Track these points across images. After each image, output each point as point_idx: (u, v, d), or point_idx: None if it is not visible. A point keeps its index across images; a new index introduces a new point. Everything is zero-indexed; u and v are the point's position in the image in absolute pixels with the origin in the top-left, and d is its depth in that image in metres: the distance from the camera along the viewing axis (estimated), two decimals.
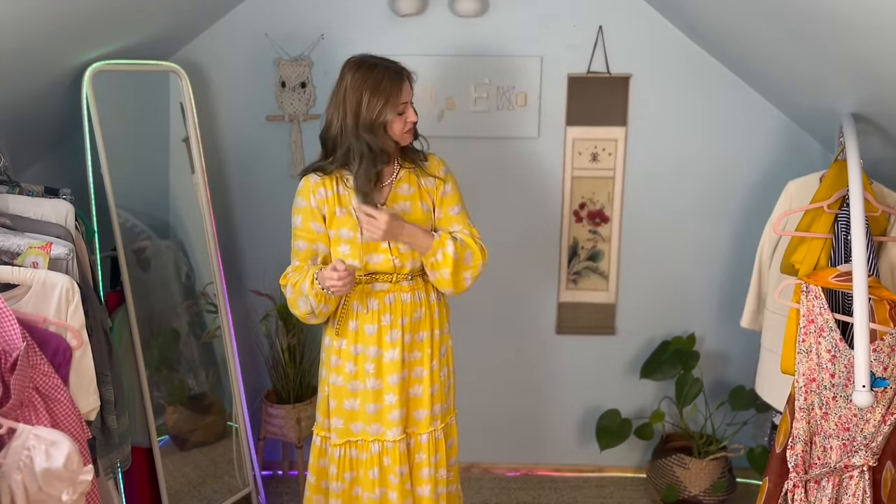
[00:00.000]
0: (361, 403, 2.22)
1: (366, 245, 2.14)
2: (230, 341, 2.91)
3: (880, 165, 2.51)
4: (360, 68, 2.09)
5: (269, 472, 3.30)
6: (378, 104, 2.06)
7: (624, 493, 3.22)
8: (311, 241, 2.17)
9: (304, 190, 2.16)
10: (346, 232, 2.15)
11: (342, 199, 2.15)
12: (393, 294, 2.19)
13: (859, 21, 1.79)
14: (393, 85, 2.08)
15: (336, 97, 2.11)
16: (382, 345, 2.20)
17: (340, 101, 2.09)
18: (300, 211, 2.16)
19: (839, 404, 2.03)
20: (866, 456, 2.00)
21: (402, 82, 2.09)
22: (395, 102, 2.08)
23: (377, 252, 2.16)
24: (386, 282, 2.19)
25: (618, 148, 3.00)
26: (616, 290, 3.15)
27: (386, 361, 2.20)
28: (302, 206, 2.16)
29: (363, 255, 2.15)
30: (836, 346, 2.03)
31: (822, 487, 2.08)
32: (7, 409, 1.61)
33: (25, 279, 1.80)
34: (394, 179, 2.20)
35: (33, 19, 1.90)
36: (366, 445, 2.23)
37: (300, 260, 2.18)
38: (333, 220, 2.15)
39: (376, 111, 2.06)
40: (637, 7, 2.88)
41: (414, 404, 2.26)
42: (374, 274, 2.18)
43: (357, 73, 2.08)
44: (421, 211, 2.21)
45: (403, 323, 2.20)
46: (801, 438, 2.10)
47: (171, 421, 2.84)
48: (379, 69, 2.09)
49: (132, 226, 2.69)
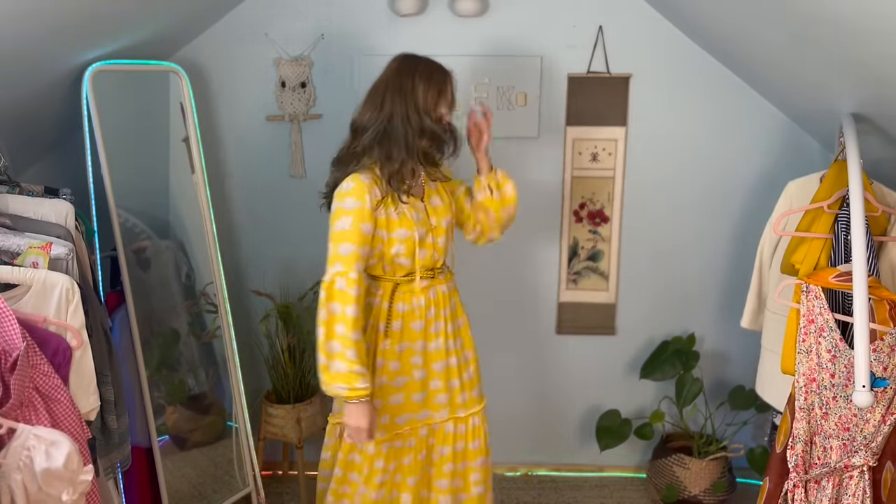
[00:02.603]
0: (407, 396, 2.24)
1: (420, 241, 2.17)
2: (230, 341, 2.91)
3: (880, 165, 2.51)
4: (410, 60, 2.16)
5: (269, 472, 3.30)
6: (433, 94, 2.13)
7: (624, 493, 3.22)
8: (359, 244, 2.08)
9: (358, 191, 2.08)
10: (402, 232, 2.15)
11: (395, 200, 2.15)
12: (434, 288, 2.24)
13: (860, 24, 1.79)
14: (443, 79, 2.16)
15: (384, 88, 2.14)
16: (428, 337, 2.24)
17: (393, 88, 2.12)
18: (351, 212, 2.07)
19: (839, 404, 2.03)
20: (866, 456, 2.00)
21: (449, 78, 2.18)
22: (447, 94, 2.15)
23: (423, 248, 2.18)
24: (427, 277, 2.22)
25: (618, 148, 3.00)
26: (616, 290, 3.15)
27: (431, 351, 2.24)
28: (354, 206, 2.07)
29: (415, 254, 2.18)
30: (836, 346, 2.03)
31: (822, 487, 2.08)
32: (7, 409, 1.61)
33: (25, 279, 1.80)
34: (423, 178, 2.26)
35: (33, 19, 1.90)
36: (414, 432, 2.26)
37: (346, 265, 2.06)
38: (390, 222, 2.13)
39: (432, 100, 2.13)
40: (637, 7, 2.88)
41: (459, 388, 2.31)
42: (412, 273, 2.20)
43: (408, 63, 2.15)
44: (448, 204, 2.30)
45: (445, 314, 2.26)
46: (802, 438, 2.10)
47: (171, 421, 2.84)
48: (427, 62, 2.17)
49: (132, 226, 2.69)
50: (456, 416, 2.31)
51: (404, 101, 2.11)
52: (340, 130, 3.00)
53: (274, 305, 3.00)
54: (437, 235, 2.23)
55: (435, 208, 2.24)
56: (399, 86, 2.12)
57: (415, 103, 2.11)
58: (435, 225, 2.23)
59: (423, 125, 2.11)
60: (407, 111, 2.11)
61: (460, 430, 2.32)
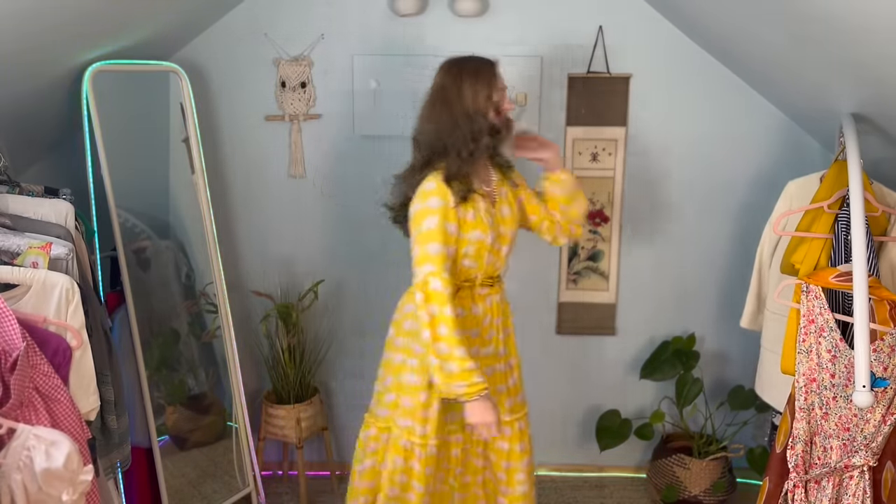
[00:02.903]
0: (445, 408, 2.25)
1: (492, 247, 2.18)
2: (230, 341, 2.91)
3: (880, 165, 2.51)
4: (454, 64, 2.16)
5: (269, 473, 3.30)
6: (483, 90, 2.12)
7: (624, 493, 3.22)
8: (445, 243, 2.07)
9: (440, 191, 2.08)
10: (477, 234, 2.14)
11: (471, 202, 2.14)
12: (490, 297, 2.25)
13: (860, 24, 1.79)
14: (490, 71, 2.15)
15: (433, 99, 2.16)
16: (483, 343, 2.26)
17: (440, 98, 2.14)
18: (436, 212, 2.06)
19: (839, 404, 2.03)
20: (866, 456, 2.00)
21: (496, 69, 2.16)
22: (495, 87, 2.14)
23: (490, 253, 2.20)
24: (486, 285, 2.24)
25: (618, 148, 3.00)
26: (616, 290, 3.14)
27: (482, 356, 2.25)
28: (439, 206, 2.07)
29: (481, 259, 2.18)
30: (836, 346, 2.03)
31: (823, 487, 2.08)
32: (7, 409, 1.61)
33: (25, 279, 1.80)
34: (495, 182, 2.25)
35: (34, 19, 1.90)
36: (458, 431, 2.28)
37: (436, 265, 2.05)
38: (465, 223, 2.13)
39: (483, 97, 2.12)
40: (637, 7, 2.88)
41: (506, 394, 2.33)
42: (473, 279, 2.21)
43: (451, 69, 2.15)
44: (516, 215, 2.29)
45: (498, 323, 2.28)
46: (802, 438, 2.10)
47: (171, 421, 2.84)
48: (472, 61, 2.17)
49: (132, 226, 2.69)
50: (503, 419, 2.31)
51: (451, 109, 2.12)
52: (340, 130, 3.03)
53: (274, 305, 3.01)
54: (502, 244, 2.24)
55: (504, 218, 2.24)
56: (446, 94, 2.13)
57: (463, 108, 2.11)
58: (503, 233, 2.23)
59: (476, 127, 2.11)
60: (457, 118, 2.11)
61: (505, 432, 2.33)
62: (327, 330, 3.18)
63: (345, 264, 3.14)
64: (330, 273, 3.12)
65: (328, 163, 3.05)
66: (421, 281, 2.05)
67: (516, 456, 2.37)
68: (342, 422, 3.32)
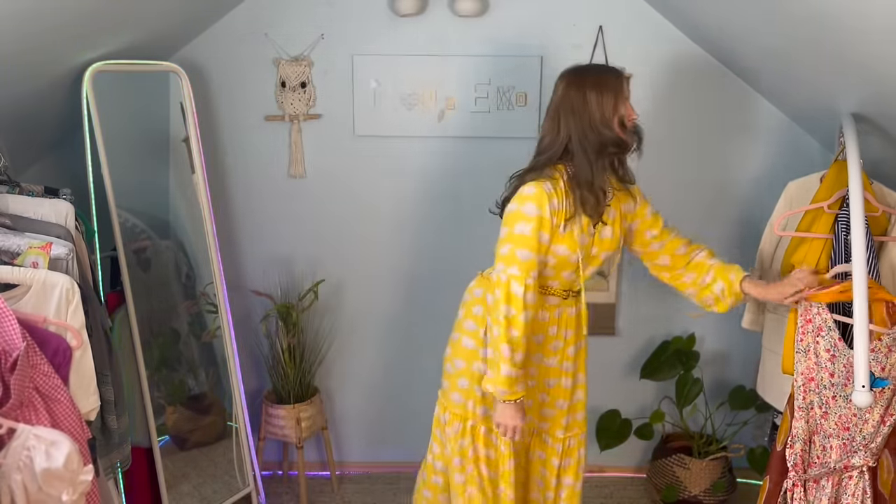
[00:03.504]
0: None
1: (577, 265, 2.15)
2: (230, 341, 2.91)
3: (880, 165, 2.51)
4: (575, 73, 2.13)
5: (269, 472, 3.30)
6: (608, 101, 2.07)
7: (624, 493, 3.22)
8: (536, 251, 2.07)
9: (539, 197, 2.06)
10: (562, 249, 2.11)
11: (568, 214, 2.10)
12: (562, 308, 2.23)
13: (860, 25, 1.79)
14: (616, 81, 2.10)
15: (558, 108, 2.11)
16: (546, 352, 2.26)
17: (566, 109, 2.09)
18: (532, 219, 2.05)
19: (839, 404, 2.03)
20: (866, 456, 2.00)
21: (621, 78, 2.12)
22: (622, 98, 2.09)
23: (571, 270, 2.16)
24: (560, 296, 2.22)
25: None
26: (616, 290, 3.14)
27: (546, 366, 2.27)
28: (535, 213, 2.05)
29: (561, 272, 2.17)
30: (835, 345, 2.03)
31: (822, 487, 2.08)
32: (7, 409, 1.61)
33: (25, 279, 1.80)
34: (609, 200, 2.18)
35: (34, 19, 1.90)
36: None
37: (523, 270, 2.05)
38: (556, 236, 2.09)
39: (608, 107, 2.06)
40: (637, 7, 2.88)
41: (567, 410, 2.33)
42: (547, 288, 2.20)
43: (574, 79, 2.11)
44: (617, 238, 2.24)
45: (568, 335, 2.27)
46: (801, 437, 2.10)
47: (171, 421, 2.84)
48: (595, 70, 2.15)
49: (132, 226, 2.69)
50: (555, 435, 2.33)
51: (579, 120, 2.08)
52: (340, 130, 3.03)
53: (274, 305, 3.01)
54: (590, 264, 2.20)
55: (602, 240, 2.20)
56: (571, 105, 2.08)
57: (589, 119, 2.07)
58: (594, 255, 2.20)
59: (603, 139, 2.07)
60: (584, 130, 2.07)
61: (557, 448, 2.34)
62: (327, 330, 3.18)
63: (345, 264, 3.14)
64: (330, 273, 3.12)
65: (328, 163, 3.05)
66: (505, 281, 2.06)
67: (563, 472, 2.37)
68: (342, 422, 3.32)
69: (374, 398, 3.29)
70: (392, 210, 3.07)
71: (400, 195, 3.07)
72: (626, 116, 2.11)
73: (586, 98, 2.07)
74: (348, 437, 3.33)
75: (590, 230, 2.16)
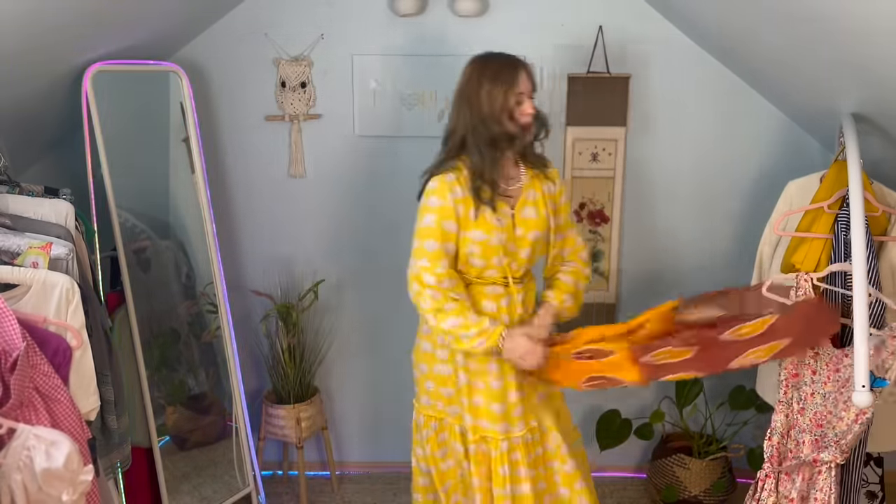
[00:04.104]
0: (486, 401, 2.22)
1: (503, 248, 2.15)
2: (230, 341, 2.91)
3: (880, 165, 2.51)
4: (478, 62, 2.15)
5: (269, 472, 3.30)
6: (498, 94, 2.09)
7: (624, 493, 3.22)
8: (443, 240, 2.11)
9: (440, 189, 2.11)
10: (478, 234, 2.12)
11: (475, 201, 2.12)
12: (509, 297, 2.21)
13: (861, 26, 1.79)
14: (510, 74, 2.10)
15: (458, 95, 2.16)
16: None
17: (463, 97, 2.13)
18: (434, 210, 2.11)
19: (816, 401, 2.05)
20: (835, 453, 2.01)
21: (518, 71, 2.11)
22: (514, 91, 2.09)
23: (500, 255, 2.15)
24: (501, 284, 2.20)
25: (618, 148, 3.00)
26: (616, 290, 3.14)
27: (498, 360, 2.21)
28: (437, 204, 2.11)
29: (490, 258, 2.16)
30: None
31: (793, 480, 2.10)
32: (7, 409, 1.61)
33: (25, 279, 1.80)
34: (522, 184, 2.20)
35: (34, 19, 1.90)
36: (495, 443, 2.23)
37: (432, 261, 2.10)
38: (468, 222, 2.12)
39: (496, 102, 2.08)
40: (637, 7, 2.88)
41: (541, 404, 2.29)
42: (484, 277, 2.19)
43: (476, 67, 2.13)
44: (544, 218, 2.23)
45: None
46: (779, 431, 2.12)
47: (171, 421, 2.84)
48: (496, 61, 2.13)
49: (132, 226, 2.69)
50: (530, 425, 2.25)
51: (470, 111, 2.11)
52: (340, 130, 3.03)
53: (274, 305, 3.01)
54: (519, 246, 2.19)
55: (525, 219, 2.19)
56: (467, 94, 2.12)
57: (479, 112, 2.10)
58: (520, 236, 2.19)
59: (492, 133, 2.10)
60: (474, 123, 2.11)
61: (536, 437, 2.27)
62: (327, 330, 3.18)
63: (345, 264, 3.14)
64: (330, 273, 3.12)
65: (328, 163, 3.05)
66: (417, 273, 2.12)
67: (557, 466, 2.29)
68: (342, 422, 3.32)
69: (374, 398, 3.29)
70: (392, 210, 3.07)
71: (400, 195, 3.07)
72: (520, 112, 2.12)
73: (480, 89, 2.10)
74: (348, 437, 3.33)
75: (506, 212, 2.16)
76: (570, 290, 2.30)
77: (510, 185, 2.19)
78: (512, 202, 2.18)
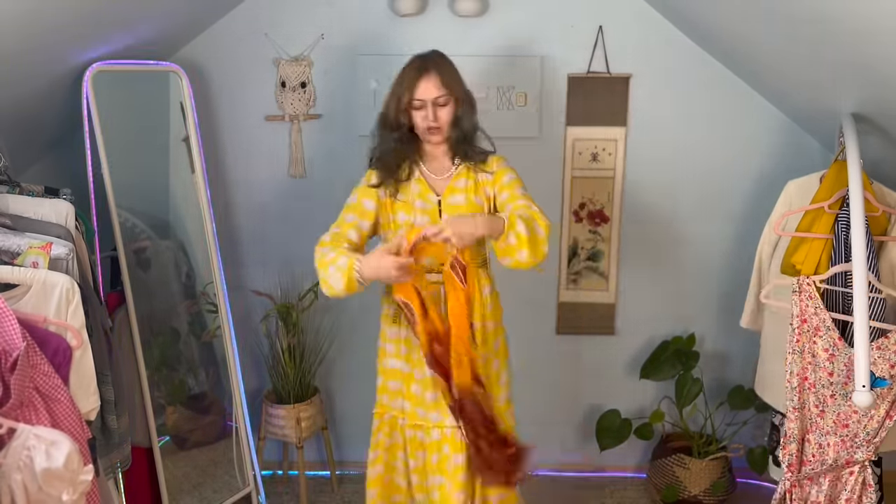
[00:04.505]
0: (422, 390, 2.24)
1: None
2: (230, 341, 2.91)
3: (880, 165, 2.51)
4: (410, 60, 2.18)
5: (269, 472, 3.30)
6: (393, 100, 2.15)
7: (624, 493, 3.22)
8: (359, 214, 2.20)
9: (368, 173, 2.26)
10: (402, 215, 2.20)
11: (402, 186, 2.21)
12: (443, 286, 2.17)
13: (861, 26, 1.79)
14: (411, 80, 2.12)
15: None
16: None
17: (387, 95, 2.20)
18: (358, 189, 2.24)
19: (838, 402, 2.04)
20: (868, 451, 2.01)
21: (419, 77, 2.11)
22: (409, 98, 2.11)
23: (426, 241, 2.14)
24: (436, 272, 2.18)
25: (618, 148, 3.00)
26: (616, 290, 3.15)
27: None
28: (362, 184, 2.24)
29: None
30: (834, 344, 2.03)
31: (819, 484, 2.08)
32: (7, 409, 1.61)
33: (25, 279, 1.80)
34: (452, 174, 2.23)
35: (34, 19, 1.90)
36: (427, 432, 2.27)
37: (341, 227, 2.19)
38: (393, 204, 2.20)
39: (391, 107, 2.16)
40: (637, 7, 2.88)
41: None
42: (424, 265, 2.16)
43: (406, 65, 2.17)
44: (473, 204, 2.22)
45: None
46: (795, 438, 2.11)
47: (171, 421, 2.84)
48: (409, 64, 2.16)
49: (132, 226, 2.69)
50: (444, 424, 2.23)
51: (381, 114, 2.22)
52: (340, 130, 3.03)
53: (274, 305, 3.01)
54: None
55: (452, 205, 2.19)
56: (387, 94, 2.20)
57: (384, 115, 2.20)
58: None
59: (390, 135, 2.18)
60: (381, 125, 2.22)
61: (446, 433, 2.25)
62: (327, 330, 3.18)
63: None
64: None
65: (328, 162, 3.05)
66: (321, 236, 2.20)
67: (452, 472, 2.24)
68: (342, 422, 3.32)
69: (374, 398, 3.28)
70: None
71: None
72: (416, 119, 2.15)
73: (393, 88, 2.17)
74: (348, 437, 3.33)
75: (431, 198, 2.19)
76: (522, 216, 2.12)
77: (439, 176, 2.23)
78: (439, 190, 2.22)
